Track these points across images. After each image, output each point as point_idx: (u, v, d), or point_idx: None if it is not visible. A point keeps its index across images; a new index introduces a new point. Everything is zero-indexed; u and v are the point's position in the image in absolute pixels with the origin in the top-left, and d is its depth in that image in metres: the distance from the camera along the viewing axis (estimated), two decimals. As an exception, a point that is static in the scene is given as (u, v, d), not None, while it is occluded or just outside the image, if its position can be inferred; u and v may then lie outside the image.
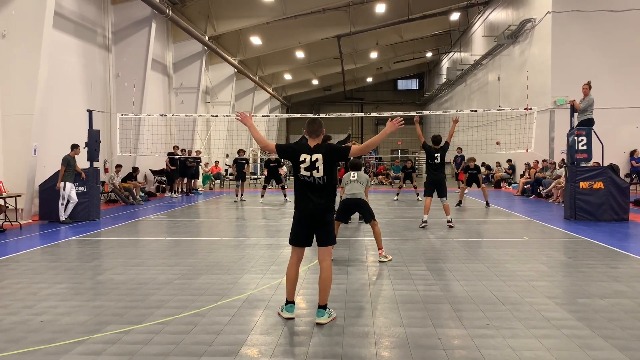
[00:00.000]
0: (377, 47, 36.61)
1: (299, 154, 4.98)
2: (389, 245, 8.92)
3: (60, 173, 12.46)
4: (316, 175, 4.93)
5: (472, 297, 5.81)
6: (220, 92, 30.89)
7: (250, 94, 37.31)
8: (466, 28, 33.41)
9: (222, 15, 25.69)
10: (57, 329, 4.85)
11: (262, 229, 11.39)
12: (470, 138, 23.92)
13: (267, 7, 25.48)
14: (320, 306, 5.00)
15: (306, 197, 4.99)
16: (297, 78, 42.78)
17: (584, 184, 12.06)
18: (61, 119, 15.28)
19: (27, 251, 8.93)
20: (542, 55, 20.58)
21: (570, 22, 19.45)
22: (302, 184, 5.00)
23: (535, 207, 15.52)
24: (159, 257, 8.31)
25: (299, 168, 4.98)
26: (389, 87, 54.51)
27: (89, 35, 17.34)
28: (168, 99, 24.64)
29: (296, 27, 29.14)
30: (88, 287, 6.40)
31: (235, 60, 30.27)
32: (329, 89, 50.33)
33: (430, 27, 34.58)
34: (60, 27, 15.26)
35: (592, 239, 9.57)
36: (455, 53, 36.52)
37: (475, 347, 4.33)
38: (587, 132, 12.14)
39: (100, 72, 18.22)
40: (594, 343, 4.41)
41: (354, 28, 29.47)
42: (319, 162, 4.91)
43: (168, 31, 24.30)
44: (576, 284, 6.38)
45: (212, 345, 4.40)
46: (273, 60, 35.98)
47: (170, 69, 24.91)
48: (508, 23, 23.99)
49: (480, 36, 29.63)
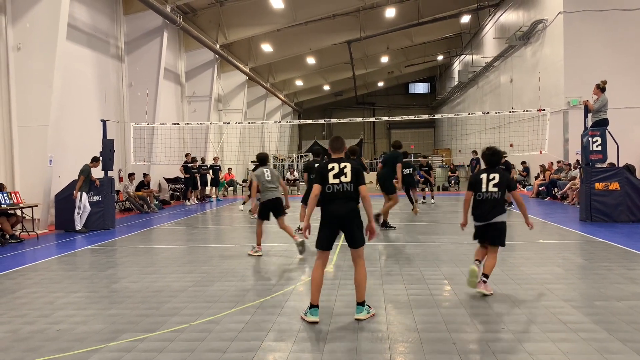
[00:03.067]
0: (388, 51, 36.59)
1: (328, 164, 5.31)
2: (404, 250, 8.89)
3: (78, 182, 12.61)
4: (344, 181, 5.23)
5: (487, 300, 5.76)
6: (232, 99, 31.08)
7: (262, 100, 37.49)
8: (477, 30, 33.28)
9: (233, 23, 25.87)
10: (73, 337, 4.90)
11: (276, 236, 11.41)
12: (483, 140, 23.78)
13: (277, 14, 25.61)
14: (359, 303, 5.25)
15: (335, 203, 5.23)
16: (308, 84, 42.90)
17: (600, 185, 11.92)
18: (76, 129, 15.47)
19: (44, 260, 9.04)
20: (555, 56, 20.42)
21: (582, 22, 19.28)
22: (331, 192, 5.24)
23: (551, 209, 15.37)
24: (173, 265, 8.35)
25: (328, 178, 5.25)
26: (401, 91, 54.43)
27: (102, 46, 17.55)
28: (181, 107, 24.85)
29: (307, 34, 29.26)
30: (103, 296, 6.46)
31: (247, 67, 30.44)
32: (341, 94, 50.39)
33: (441, 30, 34.52)
34: (73, 38, 15.47)
35: (608, 240, 9.45)
36: (467, 56, 36.39)
37: (491, 351, 4.29)
38: (601, 133, 12.01)
39: (113, 82, 18.43)
40: (612, 346, 4.34)
41: (364, 33, 29.51)
42: (347, 169, 5.25)
43: (180, 40, 24.53)
44: (593, 286, 6.30)
45: (227, 352, 4.41)
46: (284, 67, 36.13)
47: (183, 78, 25.12)
48: (519, 24, 23.85)
49: (492, 38, 29.50)
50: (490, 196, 6.04)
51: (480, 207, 6.09)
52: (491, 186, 6.04)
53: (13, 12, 12.98)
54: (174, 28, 21.09)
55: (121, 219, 15.11)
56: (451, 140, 42.52)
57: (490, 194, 6.04)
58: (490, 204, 6.04)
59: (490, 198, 6.04)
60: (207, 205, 20.46)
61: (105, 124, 13.80)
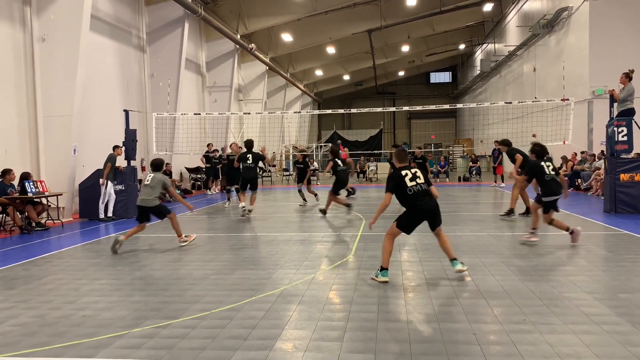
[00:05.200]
0: (409, 40, 36.24)
1: (401, 172, 6.34)
2: (423, 240, 8.86)
3: (106, 170, 12.82)
4: (420, 182, 6.26)
5: (508, 292, 5.72)
6: (253, 89, 31.17)
7: (282, 90, 37.52)
8: (500, 19, 32.75)
9: (253, 13, 25.90)
10: (97, 323, 5.00)
11: (295, 225, 11.45)
12: (505, 130, 23.44)
13: (297, 4, 25.55)
14: (452, 259, 6.38)
15: (421, 200, 6.22)
16: (328, 74, 42.78)
17: (625, 176, 11.71)
18: (99, 119, 15.69)
19: (69, 248, 9.23)
20: (580, 45, 20.02)
21: (609, 9, 18.84)
22: (413, 193, 6.22)
23: (574, 200, 15.14)
24: (195, 253, 8.46)
25: (405, 184, 6.23)
26: (422, 81, 53.90)
27: (124, 37, 17.72)
28: (202, 97, 25.01)
29: (327, 23, 29.13)
30: (127, 283, 6.57)
31: (267, 57, 30.45)
32: (361, 84, 50.13)
33: (463, 19, 34.04)
34: (96, 29, 15.64)
35: (633, 232, 9.29)
36: (489, 44, 35.85)
37: (512, 342, 4.26)
38: (627, 123, 11.77)
39: (135, 73, 18.61)
40: (636, 339, 4.28)
41: (385, 22, 29.26)
42: (418, 172, 6.37)
43: (201, 30, 24.63)
44: (617, 278, 6.21)
45: (247, 340, 4.47)
46: (304, 57, 36.07)
47: (204, 68, 25.25)
48: (543, 12, 23.40)
49: (515, 26, 29.00)
50: (554, 177, 8.30)
51: (550, 186, 8.24)
52: (551, 170, 8.33)
53: (38, 4, 13.17)
54: (195, 18, 21.18)
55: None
56: (472, 130, 42.04)
57: (552, 176, 8.28)
58: (556, 183, 8.28)
59: (554, 179, 8.28)
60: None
61: (127, 114, 13.97)
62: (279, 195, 19.07)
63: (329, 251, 8.34)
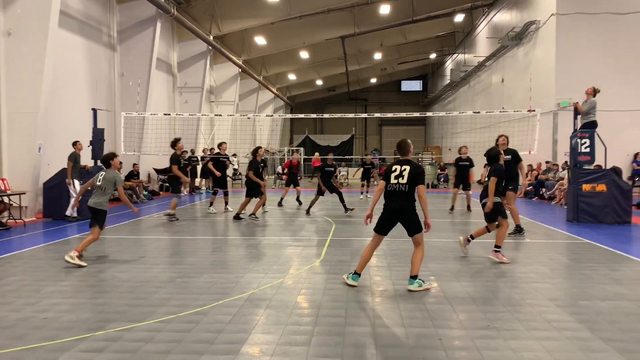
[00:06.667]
0: (381, 48, 36.59)
1: (392, 166, 6.32)
2: (391, 246, 8.93)
3: (68, 169, 12.52)
4: (401, 182, 6.14)
5: (473, 298, 5.82)
6: (224, 91, 30.97)
7: (255, 93, 37.39)
8: (470, 30, 33.37)
9: (227, 15, 25.75)
10: (59, 326, 4.89)
11: (265, 229, 11.42)
12: (473, 139, 23.90)
13: (271, 8, 25.53)
14: (412, 276, 6.14)
15: (392, 198, 6.19)
16: (301, 78, 42.83)
17: (587, 187, 12.05)
18: (66, 118, 15.34)
19: (31, 248, 8.99)
20: (546, 58, 20.55)
21: (575, 24, 19.40)
22: (391, 191, 6.21)
23: (538, 209, 15.51)
24: (161, 256, 8.34)
25: (390, 178, 6.22)
26: (393, 88, 54.45)
27: (94, 34, 17.40)
28: (172, 98, 24.73)
29: (301, 28, 29.18)
30: (91, 285, 6.44)
31: (240, 60, 30.32)
32: (333, 89, 50.33)
33: (434, 29, 34.57)
34: (65, 25, 15.32)
35: (594, 241, 9.56)
36: (459, 55, 36.48)
37: (476, 348, 4.34)
38: (590, 135, 12.12)
39: (105, 71, 18.29)
40: (595, 345, 4.41)
41: (358, 29, 29.49)
42: (406, 172, 6.16)
43: (173, 30, 24.38)
44: (577, 286, 6.38)
45: (214, 344, 4.43)
46: (277, 60, 36.03)
47: (175, 68, 24.99)
48: (512, 25, 23.95)
49: (484, 38, 29.59)
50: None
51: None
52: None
53: (4, -3, 12.84)
54: (168, 18, 20.95)
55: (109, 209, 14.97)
56: (441, 139, 42.65)
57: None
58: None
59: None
60: (196, 197, 20.41)
61: (96, 112, 13.72)
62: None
63: (299, 255, 8.33)
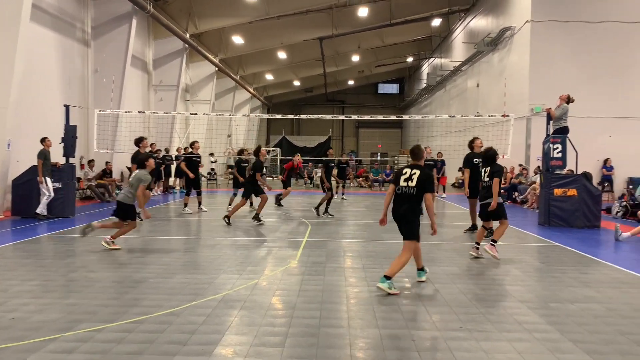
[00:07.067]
0: (359, 50, 36.75)
1: (403, 169, 6.48)
2: (366, 248, 8.98)
3: (38, 167, 12.23)
4: (410, 185, 6.23)
5: (446, 299, 5.88)
6: (200, 90, 30.71)
7: (231, 93, 37.15)
8: (447, 34, 33.75)
9: (204, 13, 25.55)
10: (28, 326, 4.77)
11: (240, 230, 11.34)
12: (448, 143, 24.19)
13: (249, 7, 25.41)
14: (386, 276, 6.08)
15: (399, 202, 6.32)
16: (278, 79, 42.74)
17: (558, 191, 12.28)
18: (37, 114, 15.02)
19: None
20: (521, 64, 20.90)
21: (549, 32, 19.78)
22: (400, 193, 6.33)
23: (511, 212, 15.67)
24: (133, 256, 8.22)
25: (399, 180, 6.35)
26: (370, 91, 54.74)
27: (67, 30, 17.07)
28: (147, 96, 24.41)
29: (279, 28, 29.11)
30: (61, 285, 6.31)
31: (217, 58, 30.10)
32: (311, 90, 50.35)
33: (411, 32, 34.89)
34: (37, 20, 14.99)
35: (565, 245, 9.75)
36: (436, 59, 36.86)
37: (449, 349, 4.38)
38: (562, 140, 12.37)
39: (78, 67, 17.96)
40: (564, 347, 4.50)
41: (336, 31, 29.56)
42: (416, 176, 6.25)
43: (149, 28, 24.07)
44: (548, 288, 6.50)
45: (187, 345, 4.38)
46: (255, 60, 35.89)
47: (150, 66, 24.68)
48: (488, 30, 24.30)
49: (461, 43, 29.97)
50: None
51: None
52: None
53: (-26, -11, 12.50)
54: (144, 15, 20.67)
55: (81, 207, 14.75)
56: (417, 142, 42.92)
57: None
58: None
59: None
60: (170, 196, 20.18)
61: (68, 109, 13.44)
62: (224, 199, 18.81)
63: (274, 256, 8.30)
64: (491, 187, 8.24)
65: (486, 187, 8.39)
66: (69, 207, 12.84)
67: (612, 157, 19.77)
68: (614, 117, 19.58)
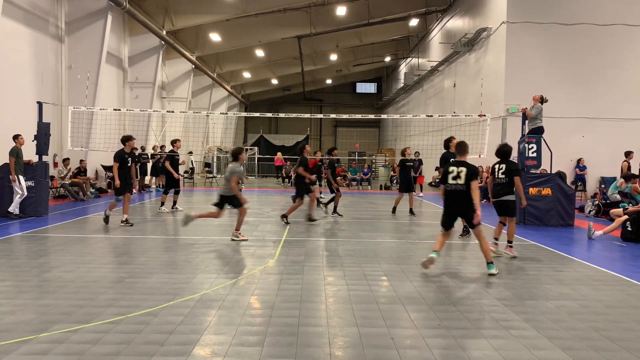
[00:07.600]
0: (337, 49, 36.80)
1: (449, 167, 7.05)
2: (345, 246, 9.00)
3: (11, 165, 11.96)
4: (459, 182, 6.82)
5: (425, 297, 5.92)
6: (177, 87, 30.40)
7: (208, 90, 36.85)
8: (424, 34, 33.99)
9: (181, 10, 25.29)
10: (0, 328, 4.66)
11: (217, 229, 11.26)
12: (425, 142, 24.39)
13: (227, 4, 25.24)
14: (488, 262, 7.06)
15: (451, 198, 6.98)
16: (256, 77, 42.53)
17: (533, 190, 12.48)
18: (9, 111, 14.69)
19: (-31, 247, 8.54)
20: (497, 64, 21.16)
21: (524, 33, 20.07)
22: (450, 191, 7.01)
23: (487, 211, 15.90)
24: (109, 255, 8.10)
25: (447, 179, 7.01)
26: (348, 90, 54.86)
27: (40, 25, 16.73)
28: (122, 93, 24.05)
29: (256, 26, 28.97)
30: (34, 285, 6.17)
31: (193, 56, 29.83)
32: (289, 89, 50.22)
33: (389, 32, 35.04)
34: (9, 14, 14.67)
35: (539, 243, 9.92)
36: (413, 59, 37.10)
37: (427, 347, 4.41)
38: (537, 140, 12.58)
39: (51, 63, 17.62)
40: (540, 343, 4.57)
41: (314, 29, 29.54)
42: (463, 173, 6.81)
43: (124, 24, 23.72)
44: (524, 286, 6.59)
45: (164, 345, 4.33)
46: (232, 58, 35.64)
47: (126, 63, 24.32)
48: (465, 31, 24.55)
49: (438, 43, 30.21)
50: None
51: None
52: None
53: (-57, -18, 12.16)
54: (119, 11, 20.37)
55: (55, 206, 14.48)
56: (395, 141, 43.27)
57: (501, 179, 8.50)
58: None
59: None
60: (146, 195, 19.94)
61: (41, 106, 13.16)
62: (201, 198, 18.68)
63: (252, 256, 8.26)
64: (506, 185, 8.38)
65: (501, 184, 8.44)
66: (42, 206, 12.59)
67: (584, 157, 20.17)
68: (587, 118, 19.99)
